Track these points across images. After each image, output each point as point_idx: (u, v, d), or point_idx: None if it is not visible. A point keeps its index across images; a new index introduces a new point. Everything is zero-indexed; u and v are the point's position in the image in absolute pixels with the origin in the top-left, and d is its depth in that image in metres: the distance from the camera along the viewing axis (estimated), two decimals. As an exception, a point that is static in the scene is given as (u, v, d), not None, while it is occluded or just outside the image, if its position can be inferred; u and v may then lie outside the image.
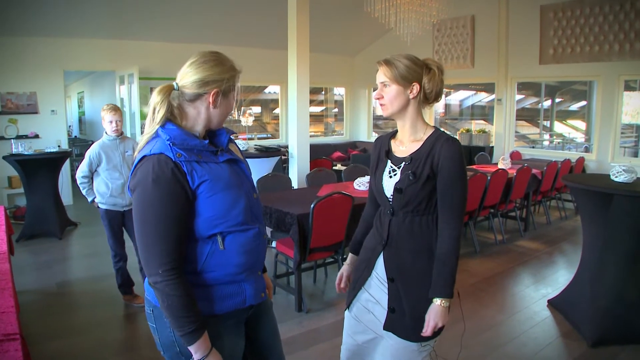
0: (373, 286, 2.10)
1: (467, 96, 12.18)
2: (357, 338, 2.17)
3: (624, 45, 7.66)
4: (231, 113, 1.76)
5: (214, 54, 1.67)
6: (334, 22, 10.01)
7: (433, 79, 1.93)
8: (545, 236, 6.90)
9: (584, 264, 4.07)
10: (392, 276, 2.01)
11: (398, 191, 1.95)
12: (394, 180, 1.99)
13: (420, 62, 1.95)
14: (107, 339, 3.82)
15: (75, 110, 14.28)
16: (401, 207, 1.97)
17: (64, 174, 7.65)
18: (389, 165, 2.04)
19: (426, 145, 1.95)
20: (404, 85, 1.92)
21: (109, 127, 4.10)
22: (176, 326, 1.56)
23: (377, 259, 2.07)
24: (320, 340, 3.77)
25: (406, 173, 1.94)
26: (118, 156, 4.13)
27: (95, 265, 5.58)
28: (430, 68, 1.94)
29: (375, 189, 2.09)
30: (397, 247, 2.00)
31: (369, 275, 2.11)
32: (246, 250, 1.70)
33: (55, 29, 7.85)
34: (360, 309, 2.15)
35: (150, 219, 1.55)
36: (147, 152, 1.59)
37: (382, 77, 1.95)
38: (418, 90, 1.94)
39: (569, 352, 3.62)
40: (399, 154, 2.03)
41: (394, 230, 2.01)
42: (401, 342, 2.00)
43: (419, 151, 1.95)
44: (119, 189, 4.11)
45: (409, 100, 1.95)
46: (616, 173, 3.82)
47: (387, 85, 1.94)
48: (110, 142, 4.13)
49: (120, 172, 4.12)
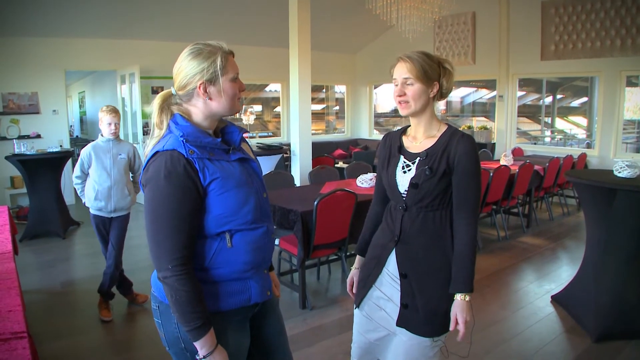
0: (385, 283, 2.09)
1: (468, 93, 12.17)
2: (368, 336, 2.17)
3: (625, 40, 7.65)
4: (239, 96, 1.71)
5: (191, 47, 1.65)
6: (335, 19, 10.01)
7: (450, 79, 1.97)
8: (548, 232, 6.91)
9: (588, 259, 4.06)
10: (405, 272, 2.00)
11: (414, 186, 1.95)
12: (409, 176, 1.98)
13: (436, 60, 1.96)
14: (111, 338, 3.83)
15: (76, 110, 14.29)
16: (415, 203, 1.97)
17: (66, 173, 7.64)
18: (402, 161, 2.03)
19: (441, 141, 1.96)
20: (427, 84, 1.92)
21: (106, 129, 4.00)
22: (183, 321, 1.56)
23: (388, 255, 2.06)
24: (324, 337, 3.78)
25: (422, 168, 1.94)
26: (109, 158, 4.02)
27: (99, 265, 5.56)
28: (445, 67, 1.97)
29: (388, 185, 2.07)
30: (410, 243, 2.00)
31: (379, 272, 2.10)
32: (254, 248, 1.70)
33: (56, 29, 7.86)
34: (371, 307, 2.14)
35: (161, 214, 1.55)
36: (160, 147, 1.60)
37: (405, 73, 1.92)
38: (437, 89, 1.95)
39: (573, 347, 3.62)
40: (412, 149, 2.03)
41: (406, 226, 2.00)
42: (414, 338, 2.00)
43: (435, 147, 1.96)
44: (105, 192, 4.01)
45: (429, 98, 1.96)
46: (619, 168, 3.81)
47: (411, 84, 1.92)
48: (103, 143, 4.03)
49: (109, 174, 4.02)
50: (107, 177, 4.02)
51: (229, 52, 1.68)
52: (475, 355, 3.48)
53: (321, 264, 5.13)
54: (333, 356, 3.46)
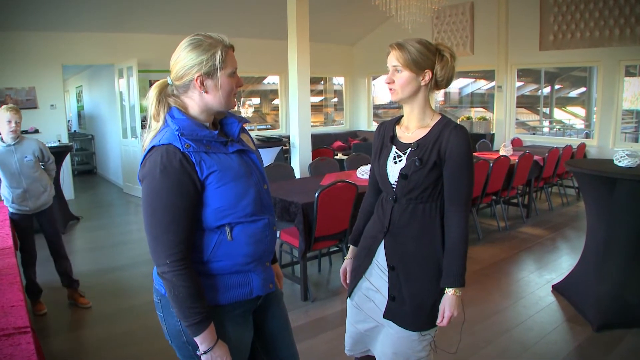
0: (374, 274, 2.09)
1: (466, 84, 12.14)
2: (358, 326, 2.17)
3: (624, 30, 7.63)
4: (236, 92, 1.68)
5: (192, 38, 1.62)
6: (333, 10, 9.96)
7: (446, 66, 1.90)
8: (548, 222, 6.92)
9: (588, 248, 4.07)
10: (393, 264, 2.00)
11: (403, 177, 1.93)
12: (399, 166, 1.96)
13: (433, 48, 1.91)
14: (113, 331, 3.83)
15: (74, 105, 14.24)
16: (405, 194, 1.95)
17: (64, 168, 7.63)
18: (394, 151, 2.01)
19: (433, 131, 1.92)
20: (416, 72, 1.88)
21: (6, 128, 3.79)
22: (182, 317, 1.56)
23: (378, 247, 2.06)
24: (326, 329, 3.79)
25: (412, 159, 1.91)
26: (15, 163, 3.87)
27: (99, 259, 5.60)
28: (443, 55, 1.91)
29: (379, 175, 2.05)
30: (399, 235, 1.98)
31: (369, 263, 2.10)
32: (255, 240, 1.69)
33: (53, 23, 7.82)
34: (361, 298, 2.14)
35: (158, 209, 1.54)
36: (157, 142, 1.58)
37: (394, 61, 1.90)
38: (430, 77, 1.90)
39: (574, 336, 3.63)
40: (404, 139, 2.00)
41: (395, 218, 1.99)
42: (401, 331, 1.99)
43: (426, 137, 1.92)
44: (20, 196, 3.92)
45: (420, 86, 1.92)
46: (620, 158, 3.81)
47: (399, 71, 1.89)
48: (5, 149, 3.85)
49: (19, 180, 3.89)
50: (17, 183, 3.91)
51: (230, 46, 1.65)
52: (476, 345, 3.50)
53: (322, 255, 5.13)
54: (335, 347, 3.46)
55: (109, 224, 7.22)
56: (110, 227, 7.07)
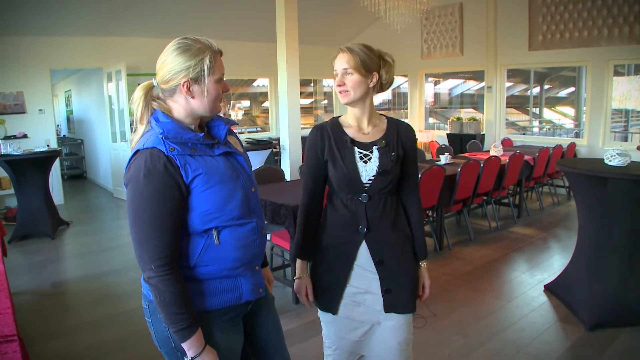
0: (358, 277, 2.06)
1: (456, 85, 12.19)
2: (351, 336, 2.14)
3: (612, 30, 7.68)
4: (222, 97, 1.66)
5: (180, 41, 1.59)
6: (322, 12, 9.95)
7: (390, 70, 2.05)
8: (539, 222, 6.94)
9: (580, 248, 4.08)
10: (380, 258, 2.03)
11: (383, 173, 1.99)
12: (373, 165, 2.01)
13: (376, 52, 2.04)
14: (104, 337, 3.79)
15: (62, 109, 14.14)
16: (380, 189, 2.01)
17: (54, 173, 7.56)
18: (357, 151, 2.03)
19: (391, 129, 2.08)
20: (365, 75, 1.99)
21: None
22: (169, 322, 1.54)
23: (357, 249, 2.04)
24: (318, 332, 3.70)
25: (389, 155, 2.02)
26: None
27: (90, 264, 5.54)
28: (386, 60, 2.04)
29: (346, 177, 2.00)
30: (378, 230, 2.03)
31: (350, 269, 2.06)
32: (242, 244, 1.67)
33: (41, 27, 7.74)
34: (348, 306, 2.10)
35: (142, 214, 1.52)
36: (141, 146, 1.56)
37: (344, 64, 1.99)
38: (377, 80, 2.02)
39: (567, 335, 3.64)
40: (363, 139, 2.06)
41: (371, 215, 2.02)
42: (401, 318, 2.06)
43: (388, 135, 2.07)
44: None
45: (369, 89, 2.03)
46: (610, 157, 3.82)
47: (350, 73, 1.99)
48: None
49: None
50: None
51: (218, 52, 1.63)
52: (470, 346, 3.49)
53: (314, 258, 5.09)
54: (328, 351, 3.44)
55: (99, 229, 7.16)
56: (100, 231, 7.01)
